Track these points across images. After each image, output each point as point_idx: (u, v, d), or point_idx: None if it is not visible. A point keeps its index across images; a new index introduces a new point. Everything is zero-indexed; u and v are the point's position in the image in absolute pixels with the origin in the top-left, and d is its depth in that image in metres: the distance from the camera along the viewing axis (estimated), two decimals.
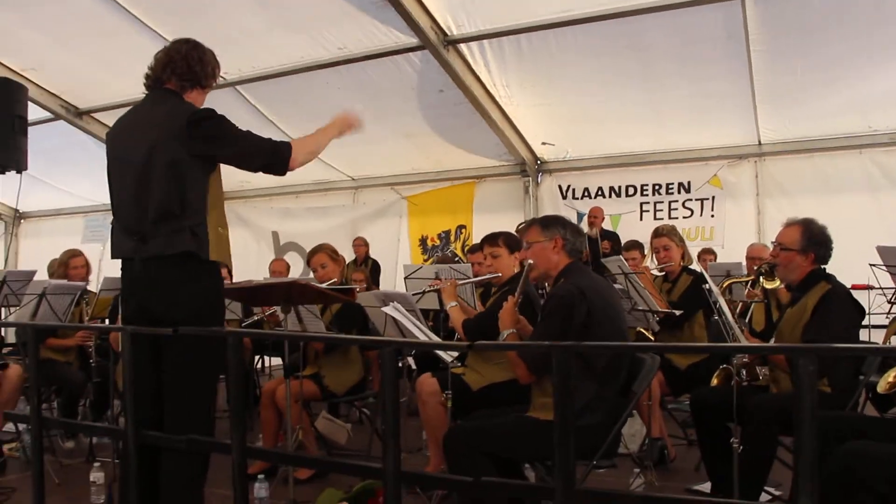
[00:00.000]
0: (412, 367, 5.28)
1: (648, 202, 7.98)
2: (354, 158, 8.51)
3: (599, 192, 8.19)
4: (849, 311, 3.05)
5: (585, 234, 4.86)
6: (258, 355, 6.47)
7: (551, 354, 1.77)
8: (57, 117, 8.16)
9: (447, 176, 8.75)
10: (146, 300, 2.65)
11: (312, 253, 4.60)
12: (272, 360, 7.16)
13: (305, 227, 9.44)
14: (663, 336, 4.31)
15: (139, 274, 2.64)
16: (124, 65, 6.30)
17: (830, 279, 3.11)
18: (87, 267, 5.18)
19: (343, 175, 9.23)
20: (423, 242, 9.08)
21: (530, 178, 8.28)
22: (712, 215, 7.65)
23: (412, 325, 3.45)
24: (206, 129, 2.61)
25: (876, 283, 4.63)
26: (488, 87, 6.87)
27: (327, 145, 2.90)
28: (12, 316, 4.56)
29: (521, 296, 3.01)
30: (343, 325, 4.37)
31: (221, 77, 3.45)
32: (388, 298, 3.83)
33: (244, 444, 2.25)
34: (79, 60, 7.11)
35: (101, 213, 10.20)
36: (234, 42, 6.28)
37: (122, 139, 2.75)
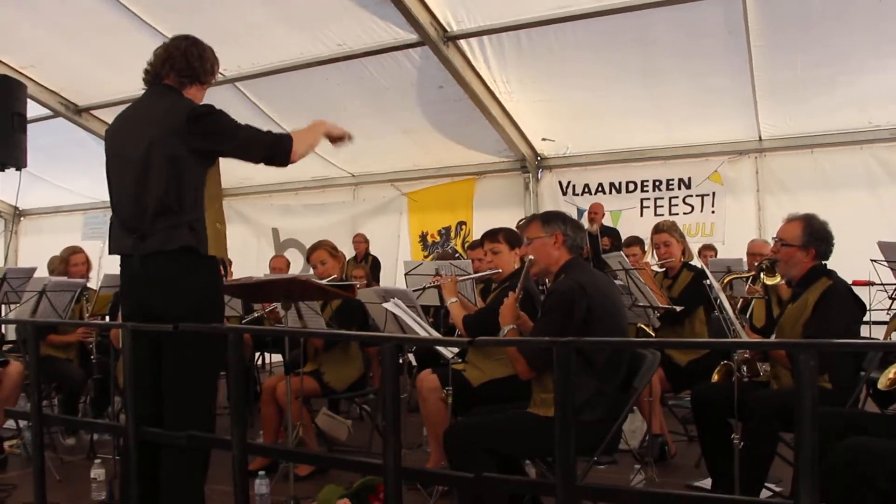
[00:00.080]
0: (413, 363, 5.29)
1: (649, 198, 7.97)
2: (354, 155, 8.49)
3: (600, 189, 8.18)
4: (850, 306, 3.04)
5: (586, 230, 4.85)
6: (258, 352, 6.48)
7: (552, 350, 1.77)
8: (56, 114, 8.15)
9: (447, 172, 8.74)
10: (145, 297, 2.65)
11: (312, 249, 4.60)
12: (272, 356, 7.19)
13: (305, 224, 9.43)
14: (664, 332, 4.31)
15: (138, 271, 2.64)
16: (123, 62, 6.28)
17: (831, 275, 3.11)
18: (87, 264, 5.17)
19: (343, 171, 9.23)
20: (423, 239, 9.07)
21: (530, 174, 8.27)
22: (713, 211, 7.64)
23: (412, 321, 3.45)
24: (206, 125, 2.61)
25: (877, 278, 4.64)
26: (488, 83, 6.86)
27: (321, 140, 2.91)
28: (12, 313, 4.57)
29: (522, 292, 3.01)
30: (343, 321, 4.36)
31: (220, 73, 3.44)
32: (389, 295, 3.83)
33: (244, 440, 2.24)
34: (78, 58, 7.11)
35: (101, 210, 10.20)
36: (232, 38, 6.27)
37: (121, 135, 2.75)
